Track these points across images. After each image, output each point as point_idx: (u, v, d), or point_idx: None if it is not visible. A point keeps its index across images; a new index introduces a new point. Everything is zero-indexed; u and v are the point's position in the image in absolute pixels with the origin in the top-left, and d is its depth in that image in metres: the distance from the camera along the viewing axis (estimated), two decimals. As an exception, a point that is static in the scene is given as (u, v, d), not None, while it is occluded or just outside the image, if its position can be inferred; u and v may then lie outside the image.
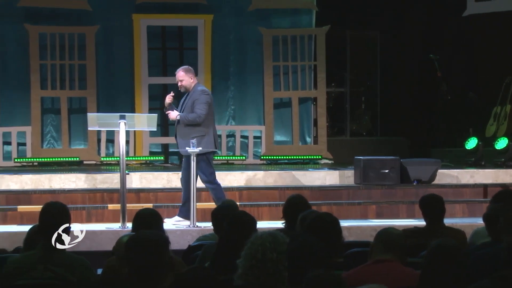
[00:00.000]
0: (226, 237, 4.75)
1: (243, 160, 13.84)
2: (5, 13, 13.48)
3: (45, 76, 13.56)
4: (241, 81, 14.11)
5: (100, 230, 9.25)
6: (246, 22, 13.98)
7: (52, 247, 4.86)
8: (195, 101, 9.45)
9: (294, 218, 5.84)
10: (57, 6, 13.60)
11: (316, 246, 4.16)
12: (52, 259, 4.81)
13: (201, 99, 9.45)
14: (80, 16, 13.64)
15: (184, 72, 9.60)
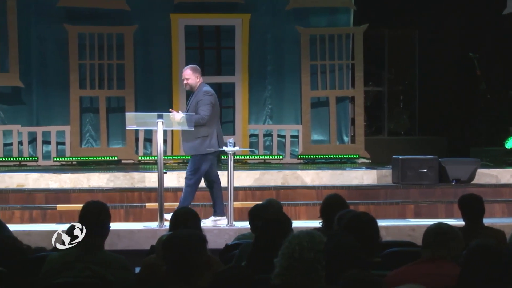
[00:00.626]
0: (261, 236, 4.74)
1: (280, 159, 13.82)
2: (45, 13, 13.61)
3: (84, 76, 13.66)
4: (278, 80, 14.09)
5: (138, 229, 9.30)
6: (284, 21, 13.96)
7: (91, 246, 4.89)
8: (198, 102, 9.40)
9: (331, 218, 5.82)
10: (96, 6, 13.69)
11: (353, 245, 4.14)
12: (91, 257, 4.84)
13: (204, 100, 9.39)
14: (119, 16, 13.72)
15: (191, 71, 9.59)
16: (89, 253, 4.86)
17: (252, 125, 14.00)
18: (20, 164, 13.37)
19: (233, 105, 13.95)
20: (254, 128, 14.02)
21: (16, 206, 10.28)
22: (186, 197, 9.43)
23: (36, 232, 9.15)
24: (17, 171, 11.84)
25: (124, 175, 11.22)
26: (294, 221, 9.61)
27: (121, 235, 9.11)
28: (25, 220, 9.89)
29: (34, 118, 13.69)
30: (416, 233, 8.97)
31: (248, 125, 13.92)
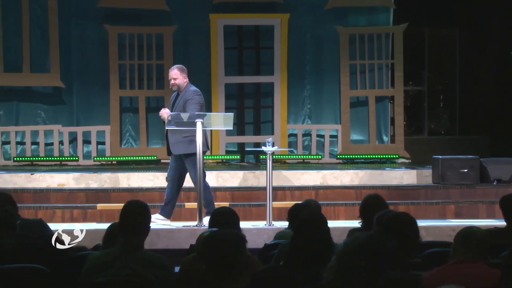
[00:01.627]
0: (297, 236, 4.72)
1: (319, 159, 13.79)
2: (85, 14, 13.72)
3: (123, 76, 13.76)
4: (317, 80, 14.06)
5: (178, 229, 9.33)
6: (323, 20, 13.93)
7: (131, 245, 4.91)
8: (187, 101, 9.36)
9: (370, 218, 5.78)
10: (135, 6, 13.78)
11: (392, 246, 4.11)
12: (131, 257, 4.86)
13: (193, 100, 9.37)
14: (158, 16, 13.79)
15: (179, 71, 9.57)
16: (129, 252, 4.88)
17: (291, 125, 13.99)
18: (61, 164, 13.50)
19: (272, 105, 13.94)
20: (293, 128, 14.01)
21: (57, 205, 10.38)
22: (209, 198, 9.37)
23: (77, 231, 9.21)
24: (58, 171, 11.95)
25: (164, 175, 11.25)
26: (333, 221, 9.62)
27: (161, 235, 9.15)
28: (66, 219, 9.98)
29: (74, 118, 13.82)
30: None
31: (287, 125, 13.90)
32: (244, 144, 13.90)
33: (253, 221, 9.78)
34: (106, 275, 4.80)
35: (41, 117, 13.81)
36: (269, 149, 9.36)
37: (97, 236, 7.96)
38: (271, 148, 9.39)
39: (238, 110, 13.86)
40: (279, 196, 10.58)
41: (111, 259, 4.87)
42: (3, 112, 13.76)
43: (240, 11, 13.91)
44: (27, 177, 11.20)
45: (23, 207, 9.64)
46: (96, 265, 4.89)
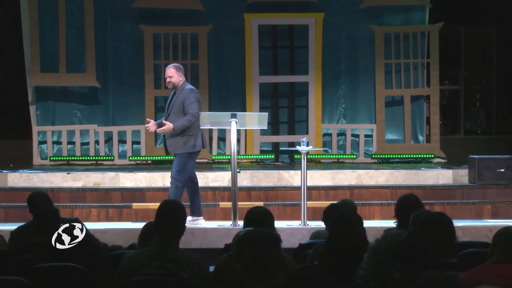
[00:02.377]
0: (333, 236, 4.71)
1: (354, 159, 13.74)
2: (120, 14, 13.81)
3: (158, 76, 13.82)
4: (352, 80, 14.02)
5: (212, 228, 9.35)
6: (358, 19, 13.88)
7: (166, 244, 4.92)
8: (184, 100, 9.31)
9: (406, 218, 5.75)
10: (170, 6, 13.83)
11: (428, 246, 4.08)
12: (166, 256, 4.87)
13: (191, 98, 9.31)
14: (193, 16, 13.83)
15: (175, 69, 9.52)
16: (164, 251, 4.90)
17: (326, 125, 13.95)
18: (97, 163, 13.59)
19: (306, 104, 13.91)
20: (328, 128, 13.97)
21: (93, 204, 10.45)
22: (176, 198, 9.35)
23: (112, 230, 9.29)
24: (94, 170, 12.03)
25: (198, 174, 11.22)
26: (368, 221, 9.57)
27: (196, 234, 9.18)
28: (102, 218, 10.04)
29: (110, 117, 13.91)
30: (493, 234, 8.79)
31: (322, 125, 13.87)
32: (279, 143, 13.89)
33: (288, 220, 9.77)
34: (142, 274, 4.82)
35: (77, 117, 13.92)
36: (303, 148, 9.34)
37: (133, 235, 8.01)
38: (306, 147, 9.37)
39: (272, 110, 13.86)
40: (314, 195, 10.56)
41: (147, 258, 4.89)
42: (40, 112, 13.88)
43: (275, 11, 13.90)
44: (63, 177, 11.29)
45: (59, 206, 9.71)
46: (131, 264, 4.91)
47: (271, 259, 3.80)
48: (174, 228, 4.97)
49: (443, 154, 13.76)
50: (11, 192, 10.77)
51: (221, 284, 4.75)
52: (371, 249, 3.89)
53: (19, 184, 11.17)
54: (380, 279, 3.77)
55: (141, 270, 4.85)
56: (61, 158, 13.71)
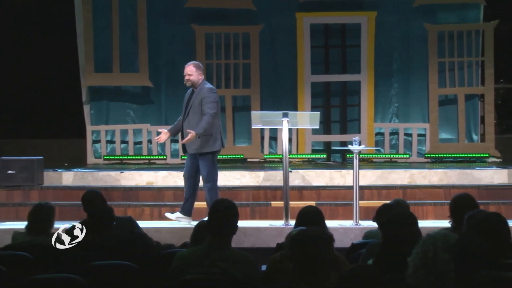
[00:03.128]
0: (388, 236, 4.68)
1: (406, 158, 13.63)
2: (173, 14, 13.89)
3: (210, 75, 13.86)
4: (404, 78, 13.90)
5: (264, 227, 9.35)
6: (411, 18, 13.76)
7: (219, 243, 4.94)
8: (203, 99, 9.30)
9: (460, 218, 5.68)
10: (222, 6, 13.88)
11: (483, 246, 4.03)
12: (219, 255, 4.89)
13: (209, 98, 9.32)
14: (245, 15, 13.85)
15: (194, 67, 9.52)
16: (216, 250, 4.91)
17: (378, 124, 13.86)
18: (150, 162, 13.69)
19: (359, 104, 13.84)
20: (380, 127, 13.88)
21: (146, 203, 10.53)
22: (213, 198, 9.32)
23: (166, 229, 9.35)
24: (147, 169, 12.11)
25: (250, 174, 11.32)
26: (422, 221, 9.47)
27: (248, 233, 9.19)
28: (155, 217, 10.11)
29: (162, 117, 14.00)
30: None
31: (374, 124, 13.78)
32: (330, 143, 13.85)
33: (340, 220, 9.73)
34: (194, 272, 4.84)
35: (130, 116, 14.04)
36: (355, 148, 9.30)
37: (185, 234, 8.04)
38: (358, 147, 9.33)
39: (324, 109, 13.82)
40: (366, 195, 10.50)
41: (199, 257, 4.91)
42: (94, 112, 14.03)
43: (327, 10, 13.85)
44: (116, 176, 11.40)
45: (113, 205, 9.79)
46: (184, 263, 4.93)
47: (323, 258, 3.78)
48: (227, 228, 4.98)
49: (498, 153, 13.57)
50: (66, 191, 10.92)
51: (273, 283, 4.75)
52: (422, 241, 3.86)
53: (73, 183, 11.31)
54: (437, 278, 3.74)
55: (194, 268, 4.87)
56: (114, 157, 13.85)
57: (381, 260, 4.33)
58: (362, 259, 5.45)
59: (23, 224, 6.84)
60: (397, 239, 4.33)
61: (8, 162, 10.97)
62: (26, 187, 10.87)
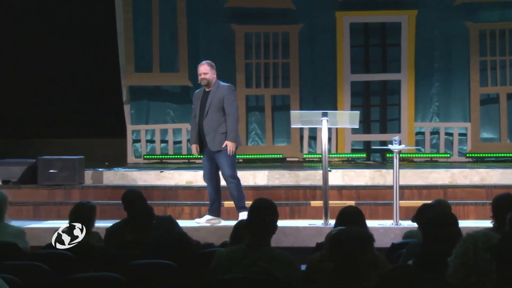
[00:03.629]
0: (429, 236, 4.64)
1: (447, 158, 13.52)
2: (213, 14, 13.92)
3: (250, 75, 13.88)
4: (445, 77, 13.78)
5: (303, 227, 9.34)
6: (452, 16, 13.64)
7: (259, 242, 4.94)
8: (225, 98, 9.29)
9: (502, 218, 5.62)
10: (262, 6, 13.88)
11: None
12: (258, 254, 4.88)
13: (231, 97, 9.35)
14: (284, 15, 13.84)
15: (209, 66, 9.51)
16: (256, 249, 4.91)
17: (418, 123, 13.76)
18: (189, 162, 13.73)
19: (399, 103, 13.75)
20: (420, 126, 13.78)
21: (186, 202, 10.57)
22: (241, 196, 9.37)
23: (205, 228, 9.37)
24: (186, 168, 12.15)
25: (289, 173, 11.30)
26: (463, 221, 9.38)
27: (287, 233, 9.18)
28: (194, 216, 10.13)
29: (202, 116, 14.01)
30: None
31: (414, 123, 13.69)
32: (370, 142, 13.78)
33: (380, 220, 9.68)
34: (234, 272, 4.84)
35: (170, 116, 14.10)
36: (396, 147, 9.25)
37: (225, 233, 8.06)
38: (398, 146, 9.28)
39: (364, 108, 13.75)
40: (406, 195, 10.43)
41: (239, 256, 4.91)
42: (134, 111, 14.12)
43: (366, 8, 13.78)
44: (156, 175, 11.46)
45: (152, 204, 9.82)
46: (223, 262, 4.94)
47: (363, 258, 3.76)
48: (267, 227, 4.98)
49: (540, 153, 13.41)
50: (106, 190, 10.99)
51: (312, 283, 4.74)
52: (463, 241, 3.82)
53: (114, 182, 11.39)
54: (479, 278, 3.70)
55: (234, 268, 4.87)
56: (154, 157, 13.92)
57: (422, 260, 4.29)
58: (402, 259, 5.42)
59: (65, 223, 6.90)
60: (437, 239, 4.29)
61: (49, 161, 11.08)
62: (67, 186, 10.97)
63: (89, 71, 14.36)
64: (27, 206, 10.62)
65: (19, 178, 11.09)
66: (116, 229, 6.99)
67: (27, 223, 9.56)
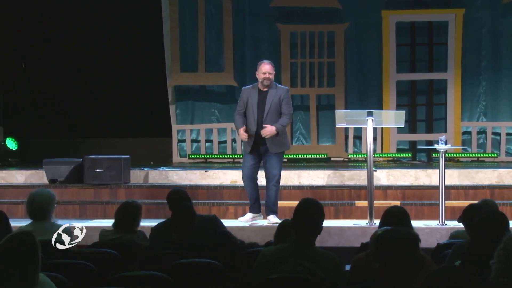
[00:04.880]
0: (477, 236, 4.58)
1: (494, 158, 13.36)
2: (258, 13, 13.94)
3: (295, 74, 13.87)
4: (493, 76, 13.62)
5: (348, 227, 9.30)
6: (501, 15, 13.47)
7: (304, 242, 4.93)
8: (284, 100, 9.27)
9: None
10: (308, 5, 13.86)
11: None
12: (303, 254, 4.88)
13: (289, 99, 9.39)
14: (330, 14, 13.81)
15: (273, 67, 9.50)
16: (301, 249, 4.90)
17: (465, 122, 13.62)
18: (234, 161, 13.76)
19: (445, 102, 13.63)
20: (467, 126, 13.65)
21: (230, 202, 10.58)
22: (277, 200, 9.41)
23: (249, 227, 9.38)
24: (231, 168, 12.17)
25: (334, 173, 11.26)
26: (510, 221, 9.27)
27: (331, 232, 9.15)
28: (239, 215, 10.13)
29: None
30: None
31: (461, 122, 13.55)
32: (416, 142, 13.68)
33: (425, 220, 9.60)
34: (279, 271, 4.84)
35: (215, 116, 14.15)
36: (442, 147, 9.16)
37: (269, 233, 8.06)
38: (444, 146, 9.19)
39: (410, 108, 13.65)
40: (453, 195, 10.33)
41: (283, 255, 4.91)
42: (180, 111, 14.19)
43: (413, 7, 13.69)
44: (201, 174, 11.49)
45: (197, 203, 9.90)
46: (268, 261, 4.93)
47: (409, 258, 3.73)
48: (313, 227, 4.97)
49: None
50: (152, 189, 11.06)
51: (357, 283, 4.71)
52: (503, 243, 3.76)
53: (159, 181, 11.45)
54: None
55: (278, 267, 4.87)
56: (199, 156, 13.98)
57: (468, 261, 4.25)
58: (448, 259, 5.37)
59: (110, 221, 6.96)
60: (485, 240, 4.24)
61: (96, 160, 11.19)
62: (113, 185, 11.06)
63: (136, 72, 14.46)
64: (73, 205, 10.74)
65: (66, 177, 11.21)
66: (161, 228, 7.03)
67: (73, 222, 9.65)
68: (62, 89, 14.93)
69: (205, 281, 5.27)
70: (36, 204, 6.51)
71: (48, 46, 14.87)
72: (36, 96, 15.08)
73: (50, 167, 11.33)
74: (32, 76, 15.05)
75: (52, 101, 15.05)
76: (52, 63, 14.83)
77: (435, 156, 13.00)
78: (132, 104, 14.58)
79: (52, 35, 14.81)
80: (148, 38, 14.31)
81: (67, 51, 14.66)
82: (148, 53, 14.31)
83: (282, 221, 6.14)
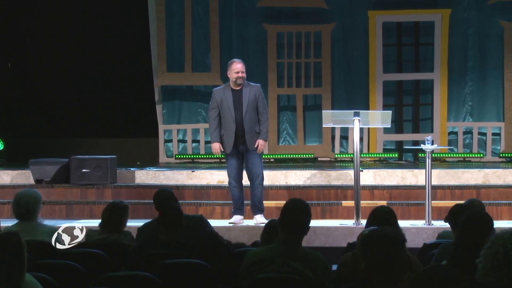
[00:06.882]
0: (462, 236, 4.60)
1: (480, 158, 13.41)
2: (245, 13, 13.95)
3: (282, 74, 13.88)
4: (479, 77, 13.66)
5: (335, 227, 9.31)
6: (486, 15, 13.52)
7: (291, 242, 4.93)
8: (259, 97, 9.33)
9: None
10: (295, 5, 13.88)
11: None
12: (291, 254, 4.88)
13: (263, 96, 9.43)
14: (317, 14, 13.82)
15: (244, 65, 9.50)
16: (288, 249, 4.90)
17: (451, 123, 13.67)
18: (220, 161, 13.73)
19: (432, 102, 13.67)
20: (453, 126, 13.69)
21: (217, 202, 10.58)
22: (263, 198, 9.43)
23: (236, 227, 9.38)
24: (218, 168, 12.17)
25: (321, 173, 11.28)
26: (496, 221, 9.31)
27: (318, 232, 9.16)
28: (226, 215, 10.15)
29: (233, 116, 14.03)
30: None
31: (447, 123, 13.59)
32: (402, 142, 13.71)
33: (412, 220, 9.63)
34: (266, 271, 4.84)
35: (202, 116, 14.13)
36: (428, 147, 9.19)
37: (256, 233, 8.07)
38: (431, 146, 9.22)
39: (396, 108, 13.68)
40: (439, 195, 10.36)
41: (271, 255, 4.91)
42: (166, 111, 14.18)
43: (400, 8, 13.72)
44: (188, 174, 11.49)
45: (184, 203, 9.89)
46: (255, 262, 4.93)
47: (396, 258, 3.74)
48: (299, 227, 4.97)
49: None
50: (138, 189, 11.05)
51: (344, 282, 4.72)
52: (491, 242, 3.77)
53: (146, 181, 11.44)
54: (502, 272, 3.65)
55: (266, 267, 4.87)
56: (186, 156, 13.97)
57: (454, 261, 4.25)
58: (435, 259, 5.38)
59: (97, 222, 6.94)
60: (471, 240, 4.25)
61: (82, 160, 11.16)
62: (100, 185, 11.04)
63: (123, 72, 14.43)
64: (60, 205, 10.71)
65: (52, 177, 11.18)
66: (148, 229, 7.02)
67: (60, 222, 9.62)
68: (48, 89, 14.88)
69: (192, 281, 5.26)
70: (22, 204, 6.49)
71: (34, 46, 14.83)
72: (22, 96, 15.03)
73: (36, 167, 11.30)
74: (18, 76, 15.00)
75: (39, 101, 15.01)
76: (39, 63, 14.79)
77: (421, 156, 13.03)
78: (118, 104, 14.55)
79: (38, 34, 14.77)
80: (134, 38, 14.28)
81: (54, 51, 14.62)
82: (134, 53, 14.28)
83: (269, 221, 6.14)
